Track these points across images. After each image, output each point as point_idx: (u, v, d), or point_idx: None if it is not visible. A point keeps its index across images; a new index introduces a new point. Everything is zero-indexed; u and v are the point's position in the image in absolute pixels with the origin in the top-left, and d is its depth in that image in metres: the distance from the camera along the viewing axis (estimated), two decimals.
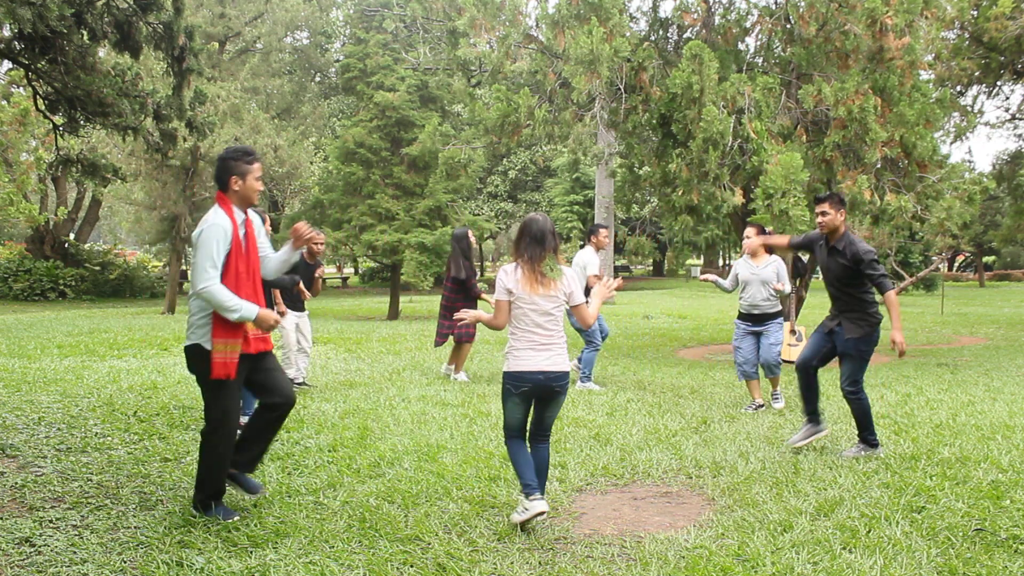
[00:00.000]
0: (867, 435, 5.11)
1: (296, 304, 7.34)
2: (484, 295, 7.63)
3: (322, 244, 7.90)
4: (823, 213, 5.03)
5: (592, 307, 3.92)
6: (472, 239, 8.16)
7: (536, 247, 3.73)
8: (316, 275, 7.41)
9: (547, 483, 4.40)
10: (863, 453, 5.07)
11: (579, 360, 7.86)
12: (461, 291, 8.07)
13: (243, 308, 3.60)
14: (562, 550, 3.47)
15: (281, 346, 7.31)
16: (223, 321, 3.62)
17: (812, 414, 5.22)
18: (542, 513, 3.62)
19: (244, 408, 5.33)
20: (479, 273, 49.06)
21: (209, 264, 3.58)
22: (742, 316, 6.88)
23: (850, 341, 5.04)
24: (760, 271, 6.69)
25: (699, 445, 5.31)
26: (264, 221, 7.20)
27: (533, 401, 3.79)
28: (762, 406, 6.74)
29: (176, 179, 25.58)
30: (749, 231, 6.66)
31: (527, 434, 3.88)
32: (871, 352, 5.07)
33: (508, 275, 3.75)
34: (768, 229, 6.94)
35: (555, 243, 3.78)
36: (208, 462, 3.77)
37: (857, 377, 5.06)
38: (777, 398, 6.92)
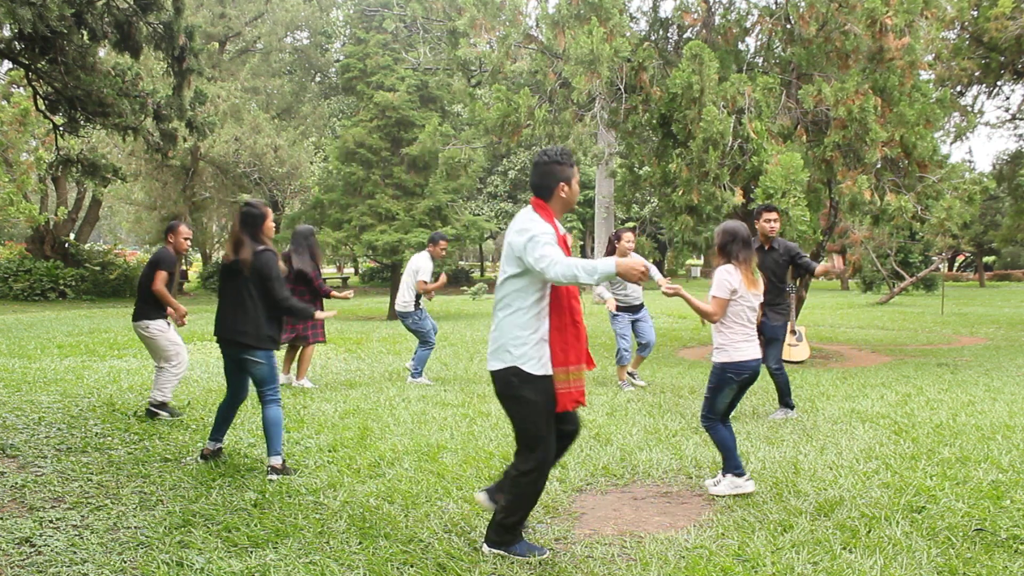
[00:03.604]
0: (786, 399, 6.35)
1: (165, 314, 6.15)
2: (335, 292, 7.61)
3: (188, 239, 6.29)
4: (775, 221, 6.23)
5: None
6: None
7: (748, 250, 4.21)
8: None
9: (548, 483, 4.41)
10: (783, 415, 6.27)
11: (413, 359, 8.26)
12: (306, 288, 7.57)
13: (598, 264, 3.03)
14: (562, 550, 3.47)
15: (180, 363, 6.23)
16: (564, 345, 3.24)
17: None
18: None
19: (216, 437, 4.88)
20: (481, 272, 49.08)
21: (550, 249, 3.11)
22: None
23: (777, 327, 6.29)
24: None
25: (699, 445, 5.31)
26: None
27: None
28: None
29: (176, 179, 25.61)
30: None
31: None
32: (784, 334, 6.42)
33: (732, 275, 4.16)
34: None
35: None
36: (522, 499, 3.34)
37: (779, 356, 6.35)
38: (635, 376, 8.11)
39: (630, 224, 29.68)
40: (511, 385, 3.24)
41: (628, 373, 8.02)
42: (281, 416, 4.64)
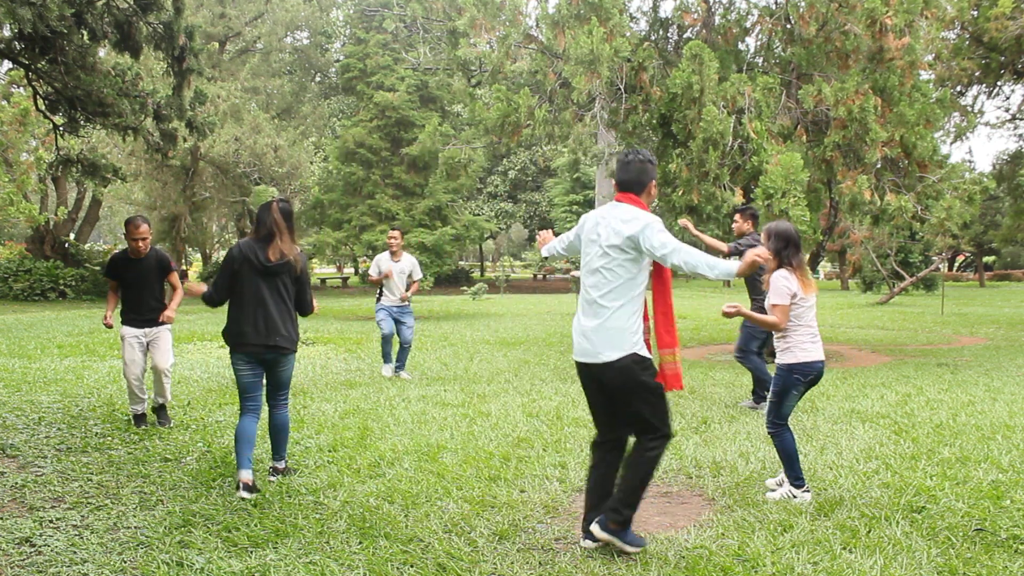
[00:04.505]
0: (760, 391, 6.65)
1: (145, 318, 5.78)
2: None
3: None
4: (735, 221, 6.62)
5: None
6: None
7: (800, 254, 4.16)
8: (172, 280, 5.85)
9: (549, 483, 4.41)
10: (749, 404, 6.72)
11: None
12: None
13: (720, 263, 3.25)
14: (562, 550, 3.47)
15: (124, 376, 5.89)
16: (668, 327, 3.37)
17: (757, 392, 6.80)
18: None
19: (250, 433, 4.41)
20: (481, 272, 49.00)
21: (669, 236, 3.30)
22: None
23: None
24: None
25: (699, 445, 5.31)
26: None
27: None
28: None
29: (176, 179, 25.61)
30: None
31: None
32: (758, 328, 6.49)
33: (789, 280, 4.07)
34: None
35: None
36: (650, 475, 3.46)
37: (750, 345, 6.72)
38: None
39: None
40: (634, 372, 3.35)
41: None
42: (289, 420, 4.65)
